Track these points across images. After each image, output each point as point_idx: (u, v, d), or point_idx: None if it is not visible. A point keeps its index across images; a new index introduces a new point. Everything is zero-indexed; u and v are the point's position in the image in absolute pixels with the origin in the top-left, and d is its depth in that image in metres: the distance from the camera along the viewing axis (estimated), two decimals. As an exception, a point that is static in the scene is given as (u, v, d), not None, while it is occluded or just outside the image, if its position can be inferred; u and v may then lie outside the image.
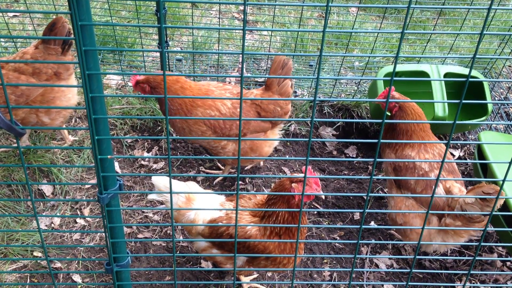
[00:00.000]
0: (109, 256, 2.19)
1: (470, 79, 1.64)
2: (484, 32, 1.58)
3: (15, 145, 4.29)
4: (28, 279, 3.51)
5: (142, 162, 4.41)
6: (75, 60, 4.71)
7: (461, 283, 3.67)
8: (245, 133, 3.90)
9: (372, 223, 4.11)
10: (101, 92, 1.73)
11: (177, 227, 3.81)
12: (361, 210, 2.07)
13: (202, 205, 3.22)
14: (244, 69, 5.51)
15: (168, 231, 3.91)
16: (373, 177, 1.93)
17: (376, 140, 1.74)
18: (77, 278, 3.55)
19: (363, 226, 1.92)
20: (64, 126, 3.88)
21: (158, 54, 5.30)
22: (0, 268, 3.53)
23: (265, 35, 6.03)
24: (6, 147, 1.80)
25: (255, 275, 3.60)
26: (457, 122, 1.75)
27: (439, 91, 4.36)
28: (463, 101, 1.70)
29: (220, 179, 4.35)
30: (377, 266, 3.81)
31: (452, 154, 4.76)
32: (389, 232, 4.02)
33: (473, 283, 3.69)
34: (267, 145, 4.02)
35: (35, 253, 3.68)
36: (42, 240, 2.14)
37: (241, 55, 6.10)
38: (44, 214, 3.92)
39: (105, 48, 1.60)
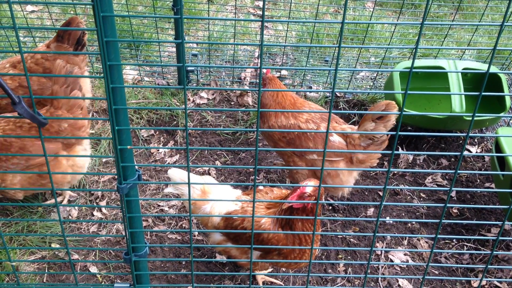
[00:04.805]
0: (128, 246, 2.22)
1: (491, 71, 1.63)
2: (505, 24, 1.56)
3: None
4: (46, 269, 3.57)
5: (157, 157, 4.45)
6: (87, 60, 4.74)
7: (477, 278, 3.65)
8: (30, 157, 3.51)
9: (387, 218, 4.10)
10: (122, 83, 1.75)
11: (192, 220, 3.83)
12: (378, 203, 2.07)
13: (218, 198, 3.24)
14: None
15: (184, 225, 3.94)
16: (391, 169, 1.93)
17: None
18: (93, 269, 3.60)
19: (380, 219, 1.92)
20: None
21: (174, 49, 5.33)
22: (19, 258, 3.59)
23: (280, 30, 6.02)
24: (28, 136, 1.84)
25: (270, 269, 3.62)
26: (474, 116, 1.74)
27: (456, 86, 4.32)
28: (483, 93, 1.69)
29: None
30: (392, 261, 3.80)
31: (468, 150, 4.72)
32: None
33: (489, 279, 3.67)
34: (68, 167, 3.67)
35: (52, 245, 3.74)
36: (63, 230, 2.17)
37: (257, 49, 6.07)
38: (63, 204, 3.98)
39: (126, 40, 1.62)
